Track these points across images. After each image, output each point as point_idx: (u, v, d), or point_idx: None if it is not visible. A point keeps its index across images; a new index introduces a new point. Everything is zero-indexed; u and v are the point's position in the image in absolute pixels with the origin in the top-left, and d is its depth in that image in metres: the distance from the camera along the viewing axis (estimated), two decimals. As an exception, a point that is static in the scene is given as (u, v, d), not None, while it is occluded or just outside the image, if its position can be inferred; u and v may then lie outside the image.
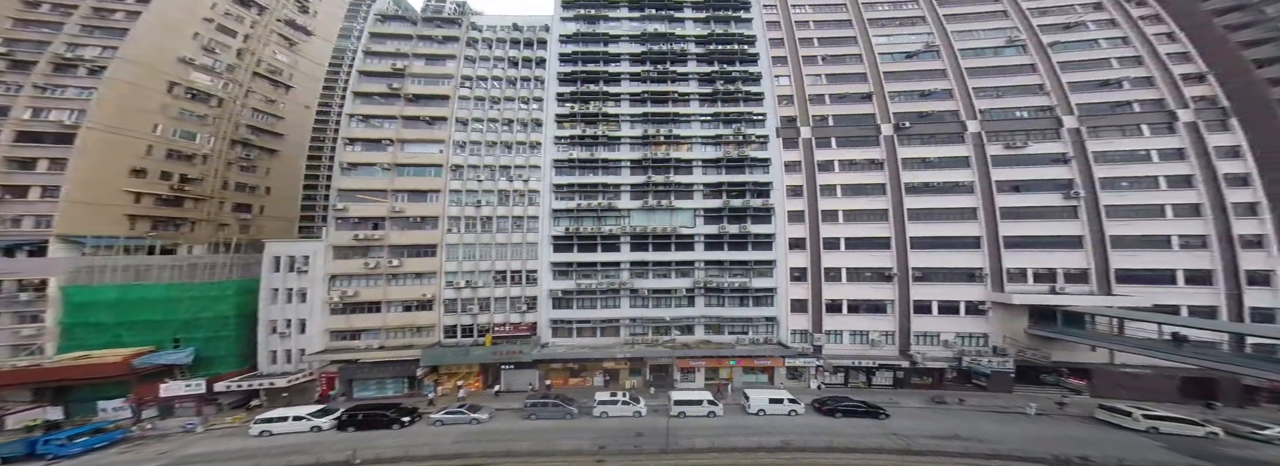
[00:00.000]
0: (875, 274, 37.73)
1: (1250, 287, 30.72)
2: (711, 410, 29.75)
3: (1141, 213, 33.74)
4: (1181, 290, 31.85)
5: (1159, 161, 34.40)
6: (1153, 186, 34.09)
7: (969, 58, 42.62)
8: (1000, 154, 37.70)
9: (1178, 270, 32.09)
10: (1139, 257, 32.90)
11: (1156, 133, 35.25)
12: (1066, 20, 42.06)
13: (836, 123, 42.71)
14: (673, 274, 39.18)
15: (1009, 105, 39.62)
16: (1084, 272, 33.74)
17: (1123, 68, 38.39)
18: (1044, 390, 33.82)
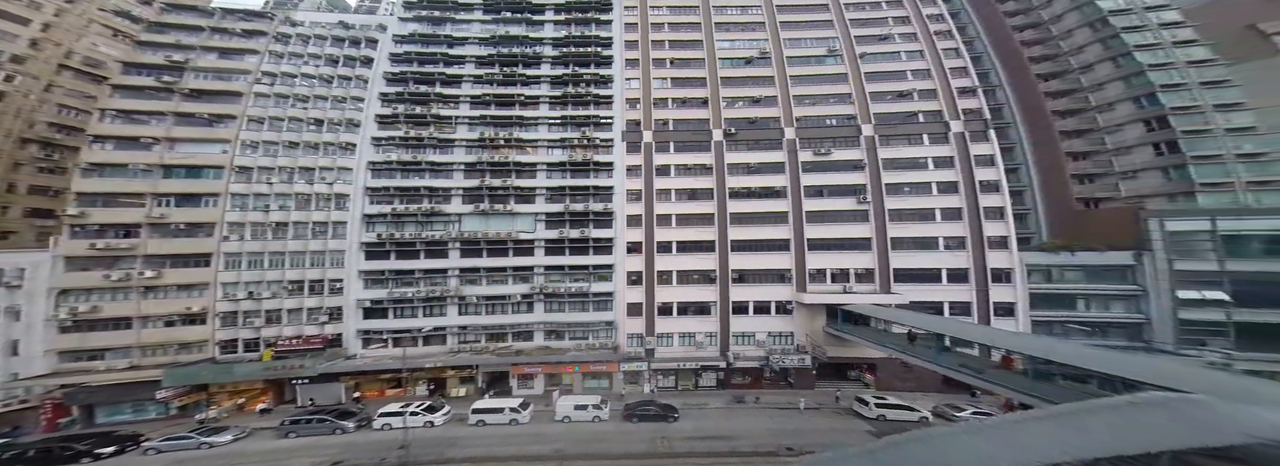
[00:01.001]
0: (702, 276, 38.18)
1: (994, 284, 34.06)
2: (514, 417, 28.81)
3: (917, 216, 36.37)
4: (945, 287, 34.76)
5: (934, 169, 37.09)
6: (927, 192, 36.73)
7: (794, 65, 43.59)
8: (810, 160, 39.07)
9: (942, 269, 34.97)
10: (913, 258, 35.58)
11: (934, 142, 37.89)
12: (881, 32, 44.28)
13: (676, 127, 42.42)
14: (510, 279, 37.58)
15: (822, 113, 41.00)
16: (871, 272, 35.94)
17: (915, 80, 40.81)
18: (847, 385, 35.94)
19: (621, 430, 28.14)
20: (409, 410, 28.30)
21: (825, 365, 36.23)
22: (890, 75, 41.85)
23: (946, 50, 41.93)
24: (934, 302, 34.66)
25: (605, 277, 37.77)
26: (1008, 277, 33.97)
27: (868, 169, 38.09)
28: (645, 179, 40.20)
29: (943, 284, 34.78)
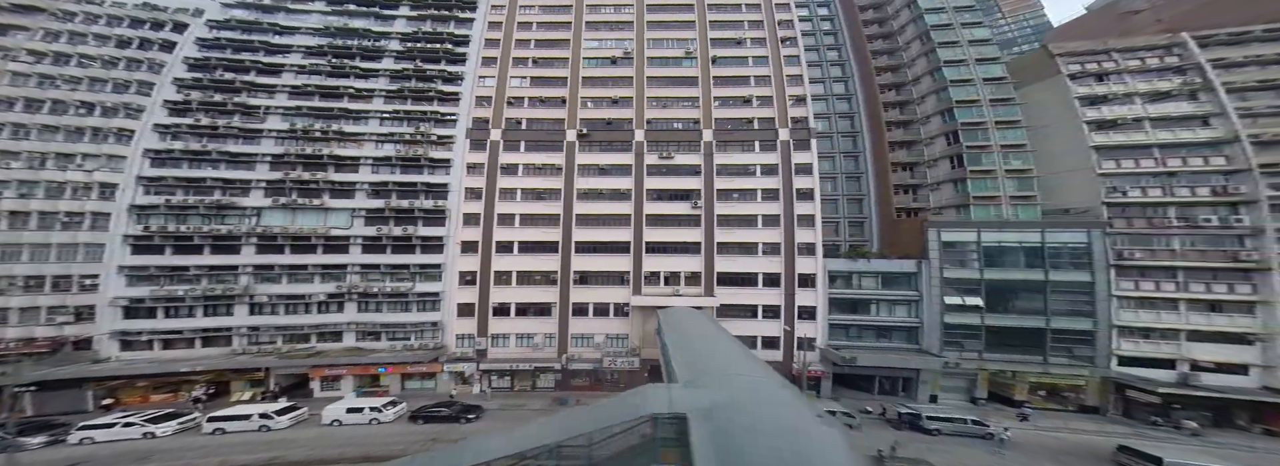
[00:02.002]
0: (544, 277, 37.45)
1: (801, 289, 35.31)
2: (264, 424, 26.96)
3: (742, 222, 36.94)
4: (760, 291, 35.76)
5: (761, 175, 37.62)
6: (753, 198, 37.38)
7: (654, 66, 42.53)
8: (655, 163, 38.70)
9: (759, 274, 35.96)
10: (736, 262, 36.36)
11: (765, 149, 38.25)
12: (736, 35, 43.67)
13: (530, 126, 40.65)
14: (317, 278, 35.24)
15: (671, 116, 40.42)
16: (697, 276, 36.50)
17: (757, 86, 40.65)
18: None
19: (395, 432, 27.01)
20: (122, 421, 25.62)
21: (657, 368, 37.54)
22: (736, 80, 41.44)
23: (788, 57, 42.12)
24: (750, 305, 35.75)
25: (433, 277, 36.24)
26: (813, 282, 35.31)
27: (703, 174, 38.17)
28: (488, 177, 38.47)
29: (758, 288, 35.75)
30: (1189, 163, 30.80)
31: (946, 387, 33.31)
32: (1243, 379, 28.54)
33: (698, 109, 40.65)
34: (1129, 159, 32.14)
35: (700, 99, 40.88)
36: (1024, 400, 31.54)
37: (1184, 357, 29.41)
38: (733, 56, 42.80)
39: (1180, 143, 31.44)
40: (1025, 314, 32.32)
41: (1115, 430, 28.05)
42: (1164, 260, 30.05)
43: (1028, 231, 32.56)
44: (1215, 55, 32.61)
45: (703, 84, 41.39)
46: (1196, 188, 30.22)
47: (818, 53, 51.99)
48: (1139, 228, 30.76)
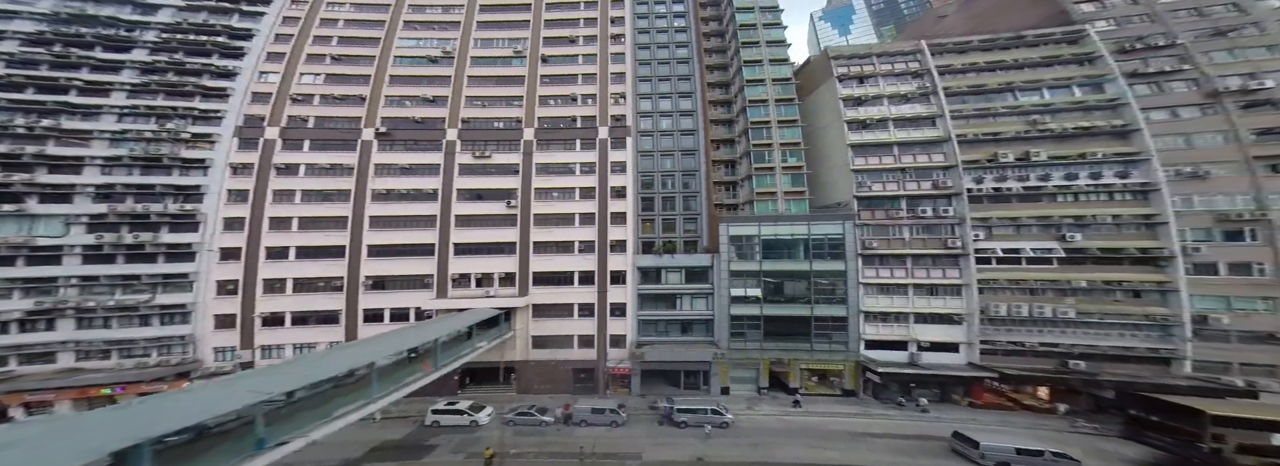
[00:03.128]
0: (327, 284, 33.42)
1: (614, 286, 35.30)
2: None
3: (560, 221, 36.20)
4: (576, 290, 35.24)
5: (580, 174, 37.29)
6: (572, 197, 36.83)
7: (479, 66, 40.54)
8: (469, 162, 36.69)
9: (575, 272, 35.45)
10: (552, 261, 35.47)
11: (586, 147, 38.08)
12: (570, 34, 43.17)
13: (319, 124, 36.15)
14: (16, 294, 28.69)
15: (492, 115, 38.56)
16: (512, 276, 35.12)
17: (584, 84, 40.59)
18: (499, 390, 34.78)
19: None
20: None
21: (472, 370, 34.45)
22: (565, 79, 40.82)
23: (614, 55, 42.65)
24: (567, 304, 34.95)
25: (182, 287, 30.92)
26: (624, 279, 35.51)
27: (522, 173, 36.85)
28: (258, 178, 33.75)
29: (575, 286, 35.18)
30: (918, 160, 35.14)
31: (739, 378, 34.70)
32: (954, 356, 32.15)
33: (521, 108, 39.40)
34: (875, 156, 35.93)
35: (524, 98, 39.78)
36: (797, 387, 33.39)
37: (913, 338, 32.62)
38: (564, 55, 42.11)
39: (912, 141, 35.68)
40: (795, 303, 34.27)
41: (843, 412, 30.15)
42: (897, 249, 33.71)
43: (797, 224, 35.04)
44: (942, 62, 37.66)
45: (530, 83, 40.02)
46: (921, 182, 34.51)
47: (668, 49, 53.57)
48: (879, 219, 34.34)
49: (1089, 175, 31.31)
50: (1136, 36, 33.59)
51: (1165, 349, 28.43)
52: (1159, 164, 29.93)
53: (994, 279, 32.02)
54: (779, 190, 37.04)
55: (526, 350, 34.71)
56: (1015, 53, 36.71)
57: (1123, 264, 29.93)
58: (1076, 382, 29.26)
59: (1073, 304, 30.35)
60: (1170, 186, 29.61)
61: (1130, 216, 30.13)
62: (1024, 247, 31.76)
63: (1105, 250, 30.17)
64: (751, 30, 44.30)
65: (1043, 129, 33.13)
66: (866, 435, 26.48)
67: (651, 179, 43.78)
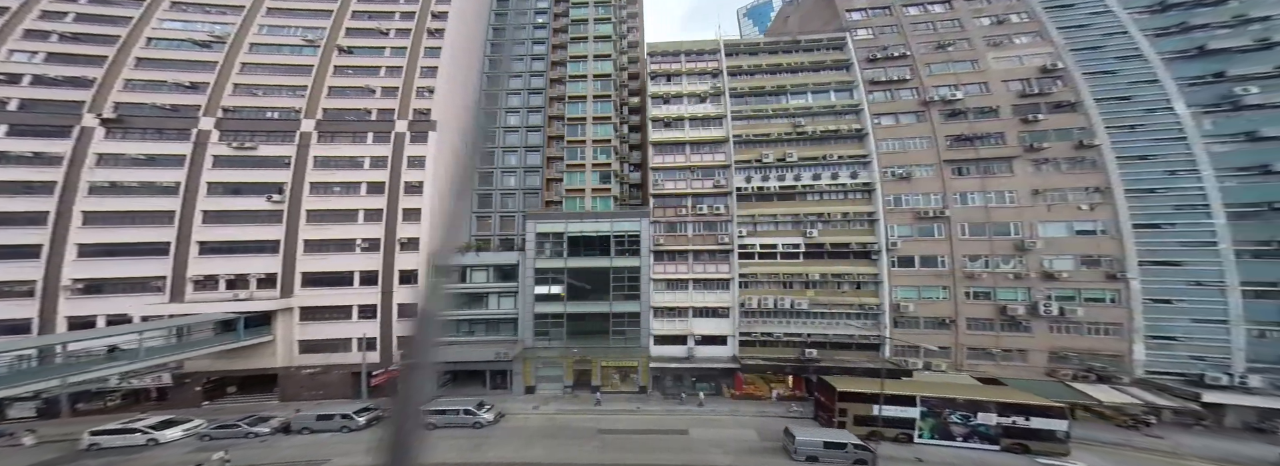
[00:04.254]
0: (11, 288, 27.59)
1: (404, 286, 32.95)
2: None
3: (341, 217, 33.06)
4: (356, 291, 32.26)
5: (369, 168, 34.43)
6: (357, 192, 33.87)
7: (259, 53, 36.53)
8: (227, 154, 32.35)
9: (356, 272, 32.50)
10: (328, 260, 32.09)
11: (378, 141, 35.34)
12: (382, 26, 40.02)
13: (25, 107, 29.96)
14: None
15: (266, 104, 34.70)
16: (273, 277, 31.23)
17: (388, 77, 37.95)
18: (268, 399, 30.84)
19: None
20: None
21: (240, 380, 30.59)
22: (366, 70, 37.89)
23: (429, 49, 40.20)
24: (344, 307, 31.76)
25: None
26: (414, 278, 32.94)
27: (294, 166, 33.04)
28: None
29: (356, 287, 32.14)
30: (704, 159, 36.65)
31: (547, 377, 33.59)
32: (723, 349, 33.20)
33: (303, 98, 36.26)
34: (671, 154, 37.16)
35: (309, 88, 36.27)
36: (598, 385, 32.86)
37: (691, 332, 33.42)
38: (371, 46, 39.30)
39: (702, 140, 37.13)
40: (597, 300, 33.95)
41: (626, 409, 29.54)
42: (682, 245, 34.72)
43: (601, 222, 35.00)
44: (733, 63, 39.45)
45: (319, 73, 36.37)
46: (705, 181, 35.95)
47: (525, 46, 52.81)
48: (669, 216, 35.37)
49: (830, 175, 34.33)
50: (881, 47, 37.58)
51: (874, 335, 31.30)
52: (878, 165, 33.78)
53: (754, 273, 33.75)
54: (588, 187, 37.50)
55: (291, 356, 30.64)
56: (792, 57, 39.44)
57: (848, 258, 32.80)
58: (810, 370, 31.04)
59: (811, 295, 32.60)
60: (884, 186, 33.12)
61: (855, 214, 33.21)
62: (778, 243, 33.92)
63: (836, 245, 32.97)
64: (582, 25, 45.34)
65: (800, 131, 35.97)
66: (611, 431, 25.91)
67: (491, 175, 43.74)
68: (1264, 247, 25.52)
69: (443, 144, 38.07)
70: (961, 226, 31.80)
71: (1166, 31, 30.95)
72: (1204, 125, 27.91)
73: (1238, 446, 22.68)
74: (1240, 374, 24.65)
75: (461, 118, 45.40)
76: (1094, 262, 28.73)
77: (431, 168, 35.85)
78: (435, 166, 36.28)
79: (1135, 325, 27.30)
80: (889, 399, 24.58)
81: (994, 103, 33.63)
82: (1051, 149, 31.00)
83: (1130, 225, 28.15)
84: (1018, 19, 35.65)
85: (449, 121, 40.35)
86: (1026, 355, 29.35)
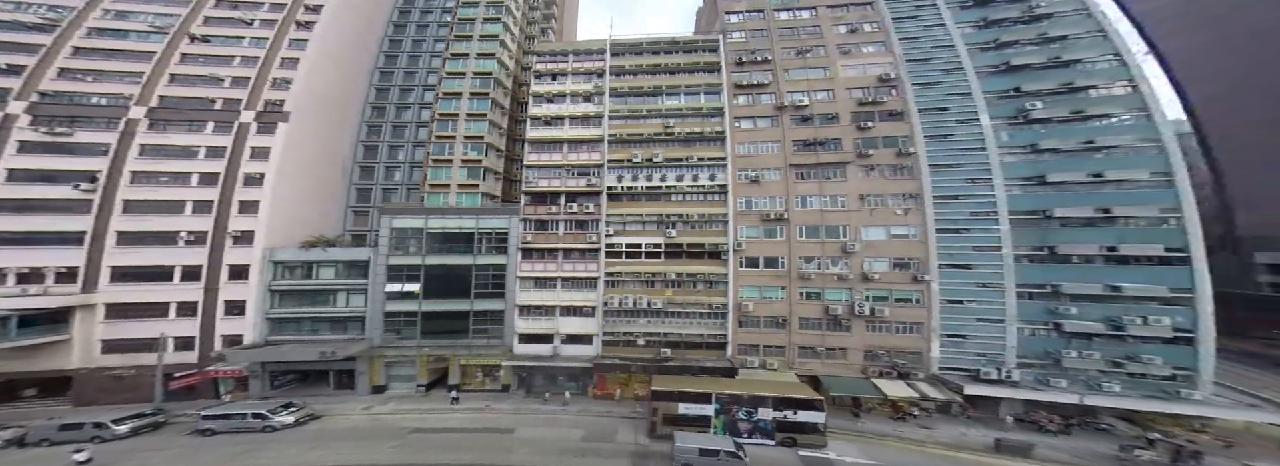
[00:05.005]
0: None
1: (233, 282, 31.57)
2: None
3: (165, 209, 31.46)
4: (176, 286, 30.62)
5: (205, 158, 32.99)
6: (187, 182, 32.34)
7: (98, 38, 34.58)
8: (35, 139, 30.07)
9: (177, 267, 30.88)
10: (144, 254, 30.40)
11: (220, 130, 33.93)
12: (248, 16, 38.67)
13: None
14: None
15: (93, 90, 32.74)
16: (76, 271, 29.18)
17: (242, 66, 36.47)
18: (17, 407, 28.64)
19: None
20: None
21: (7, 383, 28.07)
22: (218, 59, 36.37)
23: (295, 40, 38.87)
24: (159, 303, 29.96)
25: None
26: (245, 274, 31.72)
27: (113, 154, 31.04)
28: None
29: (175, 282, 30.41)
30: (580, 157, 36.80)
31: (400, 376, 32.99)
32: (588, 348, 33.26)
33: (137, 85, 34.07)
34: (548, 152, 37.38)
35: (146, 75, 34.34)
36: (457, 384, 32.45)
37: (557, 331, 33.51)
38: (229, 35, 37.62)
39: (580, 139, 37.46)
40: (457, 297, 33.47)
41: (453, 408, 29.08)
42: (553, 243, 34.80)
43: (466, 218, 34.64)
44: (617, 63, 39.76)
45: (160, 60, 34.75)
46: (579, 180, 36.12)
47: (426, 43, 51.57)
48: (541, 214, 35.37)
49: (691, 177, 35.18)
50: (750, 50, 38.52)
51: (721, 334, 32.19)
52: (733, 168, 34.86)
53: (619, 272, 34.22)
54: (454, 182, 37.00)
55: (90, 356, 28.82)
56: (673, 57, 40.10)
57: (703, 258, 33.65)
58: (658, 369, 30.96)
59: (668, 295, 33.26)
60: (737, 188, 34.18)
61: (711, 215, 34.13)
62: (642, 242, 34.50)
63: (692, 245, 33.83)
64: (469, 24, 44.82)
65: (670, 132, 36.65)
66: (425, 431, 25.55)
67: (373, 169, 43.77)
68: (1036, 252, 27.49)
69: (305, 136, 36.96)
70: (800, 229, 32.93)
71: (986, 46, 32.94)
72: (1001, 137, 29.86)
73: (987, 433, 24.31)
74: (1007, 369, 26.42)
75: (345, 111, 44.43)
76: (904, 265, 30.33)
77: (278, 160, 34.51)
78: (285, 159, 34.97)
79: (933, 324, 28.96)
80: (690, 397, 25.22)
81: (836, 110, 35.09)
82: (878, 156, 32.59)
83: (934, 230, 29.75)
84: (870, 28, 37.27)
85: (319, 113, 39.36)
86: (846, 353, 30.67)
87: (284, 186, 34.69)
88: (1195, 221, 25.36)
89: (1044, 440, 23.78)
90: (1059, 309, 26.37)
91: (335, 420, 27.17)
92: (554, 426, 26.55)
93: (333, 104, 42.61)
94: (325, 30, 40.65)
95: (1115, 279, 25.84)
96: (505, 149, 44.00)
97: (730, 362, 31.15)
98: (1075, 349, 25.72)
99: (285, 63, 38.06)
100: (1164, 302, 25.12)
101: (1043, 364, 26.48)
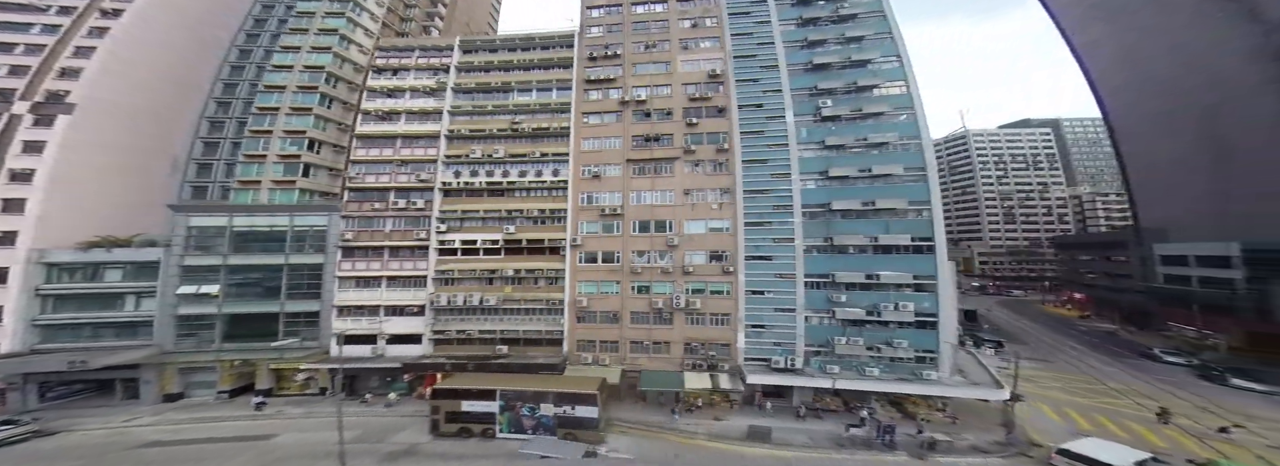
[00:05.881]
0: None
1: None
2: None
3: None
4: None
5: None
6: None
7: None
8: None
9: None
10: None
11: None
12: (41, 2, 35.53)
13: None
14: None
15: None
16: None
17: (26, 55, 33.64)
18: None
19: None
20: None
21: None
22: None
23: (95, 29, 35.92)
24: None
25: None
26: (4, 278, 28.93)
27: None
28: None
29: None
30: (415, 153, 35.80)
31: (200, 383, 31.24)
32: (416, 348, 32.28)
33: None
34: (379, 147, 36.19)
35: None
36: (266, 389, 31.15)
37: (382, 332, 32.29)
38: (13, 22, 34.69)
39: (415, 134, 36.42)
40: (265, 299, 31.92)
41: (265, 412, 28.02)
42: (379, 241, 33.65)
43: (278, 215, 33.05)
44: (467, 59, 38.93)
45: None
46: (411, 175, 34.97)
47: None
48: (366, 211, 34.09)
49: (535, 173, 34.78)
50: (604, 45, 38.34)
51: (558, 331, 31.99)
52: (576, 163, 34.57)
53: (451, 269, 33.44)
54: (265, 179, 34.85)
55: None
56: (529, 54, 39.62)
57: (544, 254, 33.43)
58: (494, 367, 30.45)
59: (507, 292, 32.78)
60: (579, 184, 34.11)
61: (552, 211, 33.89)
62: (478, 239, 33.84)
63: (532, 241, 33.52)
64: (309, 18, 42.55)
65: (516, 128, 36.07)
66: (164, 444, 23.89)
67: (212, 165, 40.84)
68: (822, 243, 28.64)
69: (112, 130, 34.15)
70: (634, 224, 33.09)
71: (800, 44, 34.05)
72: (801, 133, 30.99)
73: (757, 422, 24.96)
74: (792, 358, 27.40)
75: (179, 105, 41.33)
76: (719, 258, 31.02)
77: (57, 155, 31.54)
78: (75, 154, 32.05)
79: (739, 315, 29.62)
80: (474, 394, 24.70)
81: (672, 105, 35.49)
82: (701, 151, 33.22)
83: (743, 223, 30.53)
84: (711, 23, 37.72)
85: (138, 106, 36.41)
86: (670, 347, 31.06)
87: (82, 183, 31.90)
88: (939, 212, 27.04)
89: (790, 425, 24.88)
90: (834, 297, 27.54)
91: (72, 437, 24.91)
92: (331, 430, 25.21)
93: (160, 96, 39.57)
94: (142, 18, 37.63)
95: (879, 268, 27.22)
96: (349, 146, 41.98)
97: (564, 359, 30.99)
98: (846, 335, 26.91)
99: (80, 52, 34.81)
100: (916, 289, 26.59)
101: (823, 351, 27.59)
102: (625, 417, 26.60)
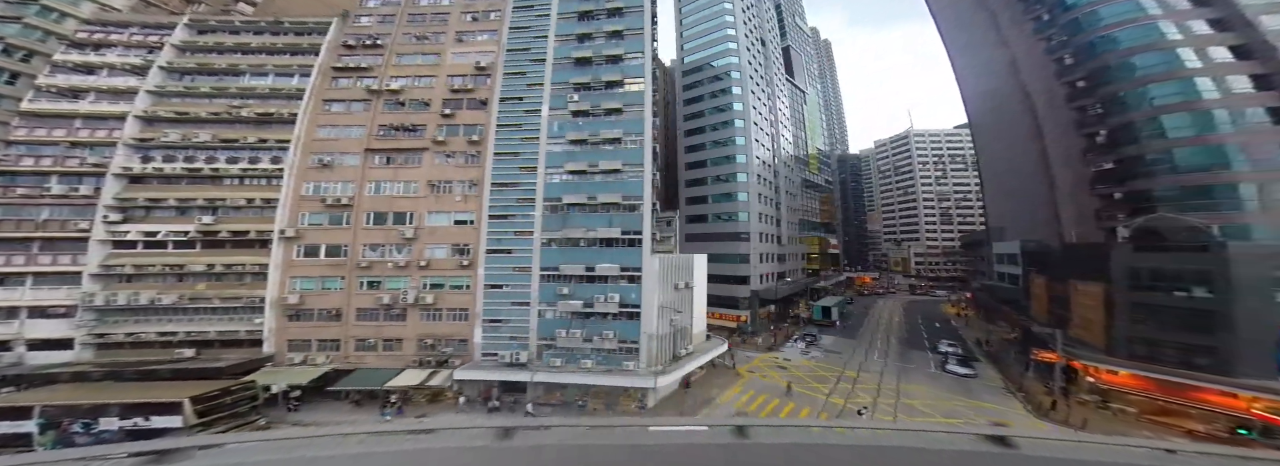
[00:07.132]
0: None
1: None
2: None
3: None
4: None
5: None
6: None
7: None
8: None
9: None
10: None
11: None
12: None
13: None
14: None
15: None
16: None
17: None
18: None
19: None
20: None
21: None
22: None
23: None
24: None
25: None
26: None
27: None
28: None
29: None
30: (96, 135, 30.28)
31: None
32: (71, 353, 27.10)
33: None
34: (53, 127, 30.17)
35: None
36: None
37: (21, 336, 26.66)
38: None
39: (102, 115, 31.03)
40: None
41: None
42: (27, 231, 27.66)
43: None
44: (190, 38, 34.59)
45: None
46: (77, 158, 29.33)
47: None
48: (13, 198, 27.82)
49: (248, 160, 30.99)
50: (370, 35, 35.93)
51: (258, 330, 28.52)
52: (302, 152, 31.49)
53: (124, 264, 28.16)
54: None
55: None
56: (278, 38, 36.03)
57: (253, 247, 29.81)
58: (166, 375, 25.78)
59: (201, 289, 28.56)
60: (305, 173, 31.15)
61: (263, 200, 30.37)
62: (161, 230, 28.95)
63: (236, 233, 29.72)
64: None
65: (234, 111, 32.03)
66: None
67: None
68: (557, 236, 29.08)
69: None
70: (368, 215, 30.51)
71: (569, 39, 34.49)
72: (552, 127, 31.41)
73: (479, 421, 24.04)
74: (515, 352, 27.13)
75: None
76: (462, 251, 30.12)
77: None
78: None
79: (478, 309, 28.69)
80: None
81: (432, 96, 34.07)
82: (454, 143, 32.35)
83: (487, 216, 29.80)
84: (494, 17, 36.82)
85: None
86: (402, 344, 29.40)
87: None
88: (649, 207, 29.09)
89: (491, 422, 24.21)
90: (560, 290, 27.97)
91: None
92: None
93: None
94: None
95: (598, 260, 28.33)
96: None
97: (264, 360, 27.17)
98: (568, 327, 27.38)
99: None
100: (629, 281, 27.98)
101: (551, 344, 27.73)
102: (318, 420, 23.78)
